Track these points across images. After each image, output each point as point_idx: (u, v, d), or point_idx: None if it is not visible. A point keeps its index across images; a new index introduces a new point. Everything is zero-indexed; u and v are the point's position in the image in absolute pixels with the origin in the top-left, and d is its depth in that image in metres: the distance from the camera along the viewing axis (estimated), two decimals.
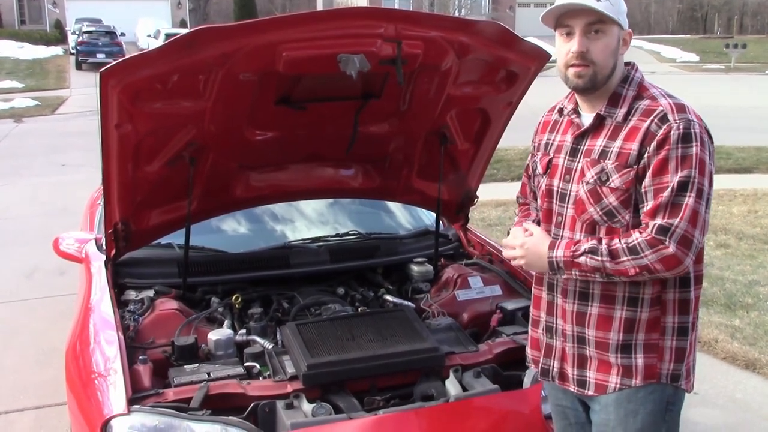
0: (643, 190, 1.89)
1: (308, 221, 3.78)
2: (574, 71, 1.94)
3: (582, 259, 1.90)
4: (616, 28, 1.93)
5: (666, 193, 1.84)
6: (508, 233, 2.15)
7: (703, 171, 1.85)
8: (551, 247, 1.97)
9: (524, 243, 2.03)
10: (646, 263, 1.84)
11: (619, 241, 1.88)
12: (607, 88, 1.97)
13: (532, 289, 2.22)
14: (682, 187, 1.83)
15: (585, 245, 1.91)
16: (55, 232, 4.11)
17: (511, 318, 3.02)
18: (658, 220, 1.84)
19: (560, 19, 1.95)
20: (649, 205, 1.87)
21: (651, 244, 1.83)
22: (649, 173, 1.87)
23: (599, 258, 1.88)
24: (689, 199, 1.83)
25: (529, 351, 2.24)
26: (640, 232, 1.86)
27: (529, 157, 2.27)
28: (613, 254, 1.87)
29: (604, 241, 1.90)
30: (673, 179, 1.84)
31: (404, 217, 3.93)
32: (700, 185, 1.84)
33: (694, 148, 1.84)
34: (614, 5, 1.91)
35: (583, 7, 1.89)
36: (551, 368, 2.14)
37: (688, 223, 1.83)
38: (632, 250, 1.85)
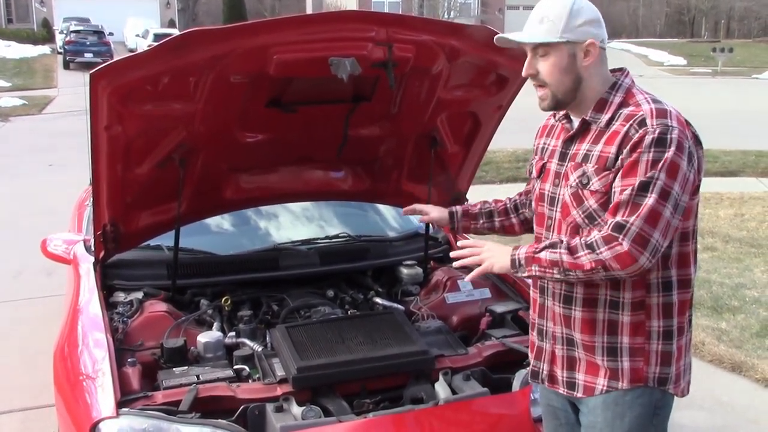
0: (613, 191, 1.90)
1: (298, 223, 3.78)
2: (538, 95, 2.01)
3: (542, 254, 1.93)
4: (564, 47, 1.94)
5: (627, 192, 1.85)
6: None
7: (673, 174, 1.84)
8: (515, 248, 2.01)
9: (486, 242, 2.08)
10: (601, 259, 1.85)
11: (579, 239, 1.91)
12: (590, 96, 1.98)
13: (530, 291, 2.24)
14: (643, 187, 1.84)
15: (545, 242, 1.96)
16: (42, 232, 4.09)
17: (500, 321, 3.03)
18: (617, 218, 1.86)
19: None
20: (612, 204, 1.89)
21: (606, 241, 1.85)
22: (619, 175, 1.89)
23: (557, 251, 1.90)
24: (649, 199, 1.83)
25: (529, 354, 2.25)
26: (599, 230, 1.89)
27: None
28: (571, 250, 1.89)
29: (565, 239, 1.94)
30: (637, 180, 1.85)
31: (394, 219, 3.94)
32: (666, 187, 1.84)
33: (667, 153, 1.84)
34: (557, 23, 1.92)
35: (514, 42, 1.97)
36: (541, 371, 2.15)
37: (645, 222, 1.82)
38: (589, 246, 1.87)
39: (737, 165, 10.40)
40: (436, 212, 2.54)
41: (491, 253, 2.03)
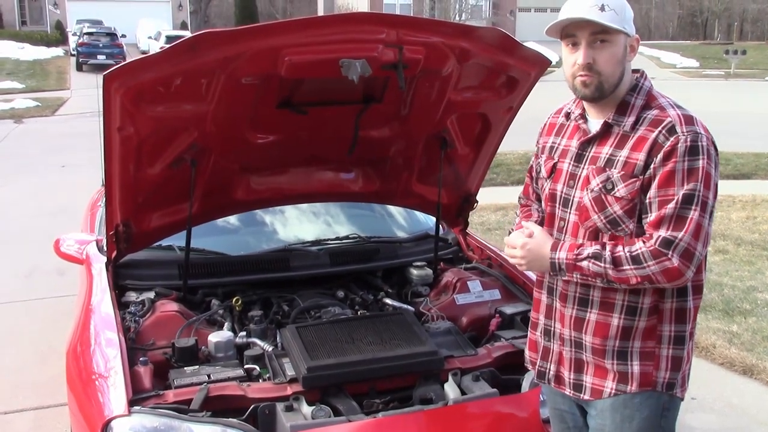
0: (647, 201, 1.90)
1: (308, 224, 3.79)
2: (580, 80, 1.95)
3: (584, 264, 1.92)
4: (622, 37, 1.93)
5: (671, 205, 1.85)
6: (510, 232, 2.16)
7: (708, 184, 1.86)
8: (554, 248, 1.98)
9: (526, 244, 2.03)
10: (648, 273, 1.85)
11: (623, 248, 1.88)
12: (615, 95, 1.97)
13: (534, 291, 2.24)
14: (687, 200, 1.84)
15: (588, 249, 1.93)
16: (54, 232, 4.12)
17: (509, 322, 3.03)
18: (662, 232, 1.85)
19: (565, 30, 1.96)
20: (653, 215, 1.88)
21: (654, 255, 1.84)
22: (654, 184, 1.88)
23: (602, 264, 1.89)
24: (694, 213, 1.84)
25: (527, 353, 2.26)
26: (644, 242, 1.87)
27: (533, 159, 2.28)
28: (615, 262, 1.88)
29: (608, 247, 1.90)
30: (678, 192, 1.85)
31: (404, 220, 3.94)
32: (705, 198, 1.85)
33: (700, 161, 1.85)
34: (619, 14, 1.91)
35: (586, 20, 1.90)
36: (547, 371, 2.16)
37: (692, 237, 1.84)
38: (635, 260, 1.86)
39: (750, 167, 10.36)
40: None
41: (529, 254, 2.02)
